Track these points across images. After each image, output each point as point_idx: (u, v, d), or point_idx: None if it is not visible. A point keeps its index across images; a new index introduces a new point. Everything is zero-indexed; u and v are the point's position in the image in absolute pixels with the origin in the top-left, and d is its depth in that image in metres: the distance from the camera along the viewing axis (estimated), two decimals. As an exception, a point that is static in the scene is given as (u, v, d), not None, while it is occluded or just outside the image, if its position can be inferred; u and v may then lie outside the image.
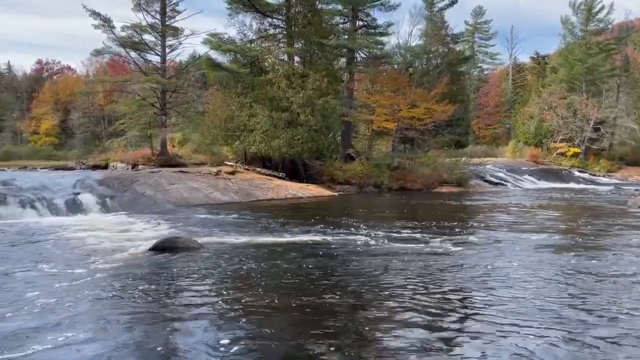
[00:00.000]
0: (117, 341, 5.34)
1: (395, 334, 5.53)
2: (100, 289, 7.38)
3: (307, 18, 29.43)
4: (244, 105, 28.63)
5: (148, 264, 9.13)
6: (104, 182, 20.84)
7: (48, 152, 54.56)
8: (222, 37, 30.55)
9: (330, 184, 27.84)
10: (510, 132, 59.91)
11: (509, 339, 5.35)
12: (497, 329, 5.65)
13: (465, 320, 5.99)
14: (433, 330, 5.65)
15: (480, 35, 69.49)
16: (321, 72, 28.03)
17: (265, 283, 7.79)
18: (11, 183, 19.36)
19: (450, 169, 30.02)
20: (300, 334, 5.57)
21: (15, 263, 9.20)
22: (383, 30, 33.75)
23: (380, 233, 12.57)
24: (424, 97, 30.64)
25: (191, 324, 5.92)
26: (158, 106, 34.48)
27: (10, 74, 73.60)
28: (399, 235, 12.27)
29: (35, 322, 5.92)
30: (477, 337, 5.43)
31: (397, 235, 12.27)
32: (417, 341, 5.33)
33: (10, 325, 5.79)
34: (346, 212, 18.24)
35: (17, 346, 5.18)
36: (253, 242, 11.48)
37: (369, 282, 7.80)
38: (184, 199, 20.72)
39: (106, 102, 51.99)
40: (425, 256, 9.71)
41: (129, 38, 33.83)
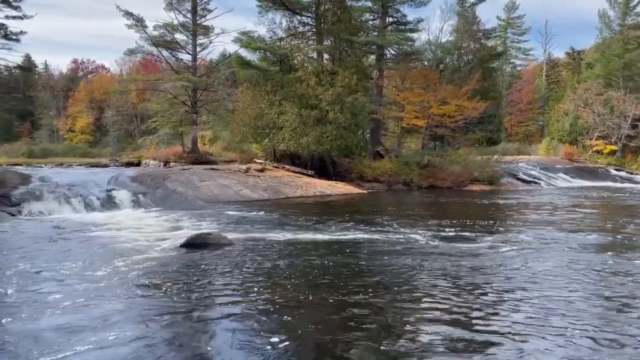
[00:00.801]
0: (151, 338, 5.42)
1: (427, 333, 5.46)
2: (133, 284, 7.52)
3: (336, 15, 29.37)
4: (273, 103, 28.77)
5: (180, 259, 9.25)
6: (137, 179, 21.25)
7: (83, 150, 55.94)
8: (252, 35, 30.76)
9: (359, 182, 27.75)
10: (543, 129, 58.58)
11: (543, 341, 5.22)
12: (531, 330, 5.52)
13: (499, 321, 5.87)
14: (466, 329, 5.56)
15: (513, 31, 68.05)
16: (350, 69, 27.95)
17: (296, 280, 7.80)
18: (48, 179, 19.95)
19: (481, 166, 29.54)
20: (330, 331, 5.55)
21: (51, 258, 9.46)
22: (413, 27, 33.38)
23: (410, 231, 12.45)
24: (455, 93, 30.20)
25: (223, 320, 5.98)
26: (189, 104, 34.95)
27: (47, 74, 75.69)
28: (429, 233, 12.13)
29: (71, 318, 6.06)
30: (511, 338, 5.31)
31: (427, 233, 12.12)
32: (450, 340, 5.25)
33: (47, 322, 5.95)
34: (375, 210, 18.14)
35: (57, 343, 5.32)
36: (282, 239, 11.52)
37: (400, 280, 7.73)
38: (215, 195, 20.95)
39: (139, 100, 53.01)
40: (457, 255, 9.56)
41: (160, 37, 34.36)
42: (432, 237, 11.64)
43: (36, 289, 7.19)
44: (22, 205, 16.48)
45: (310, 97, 27.31)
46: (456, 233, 12.17)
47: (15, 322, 5.84)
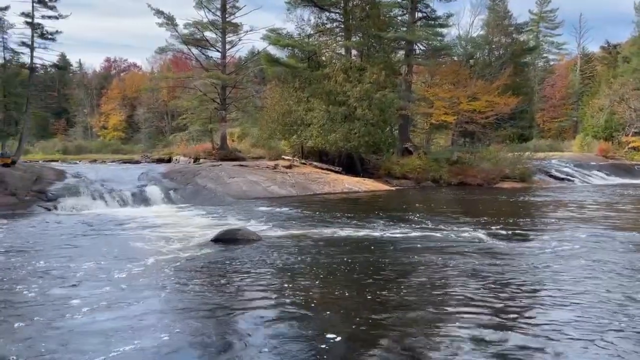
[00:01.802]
0: (183, 334, 5.49)
1: (456, 332, 5.39)
2: (164, 277, 7.65)
3: (365, 11, 29.24)
4: (301, 100, 28.84)
5: (210, 254, 9.37)
6: (168, 175, 21.63)
7: (116, 146, 57.16)
8: (281, 32, 30.90)
9: (387, 179, 27.58)
10: (577, 125, 57.06)
11: (576, 343, 5.10)
12: (565, 333, 5.39)
13: (532, 322, 5.74)
14: (501, 330, 5.46)
15: (546, 25, 66.43)
16: (379, 65, 27.79)
17: (323, 276, 7.81)
18: (82, 176, 20.48)
19: (512, 163, 28.98)
20: (356, 326, 5.54)
21: (86, 252, 9.71)
22: (443, 22, 32.96)
23: (439, 229, 12.31)
24: (486, 89, 29.71)
25: (251, 315, 6.02)
26: (218, 101, 35.36)
27: (82, 72, 77.56)
28: (459, 231, 11.97)
29: (104, 315, 6.19)
30: (543, 340, 5.20)
31: (457, 231, 11.97)
32: (485, 341, 5.18)
33: (81, 319, 6.11)
34: (404, 207, 18.01)
35: (89, 341, 5.46)
36: (310, 235, 11.55)
37: (429, 278, 7.65)
38: (243, 192, 21.15)
39: (169, 97, 53.82)
40: (488, 254, 9.41)
41: (191, 35, 34.85)
42: (463, 235, 11.49)
43: (71, 284, 7.38)
44: (58, 201, 16.97)
45: (338, 93, 27.27)
46: (487, 231, 11.98)
47: (49, 318, 6.00)
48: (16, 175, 18.49)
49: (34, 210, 16.06)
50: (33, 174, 19.08)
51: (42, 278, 7.64)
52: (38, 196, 17.35)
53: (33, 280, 7.49)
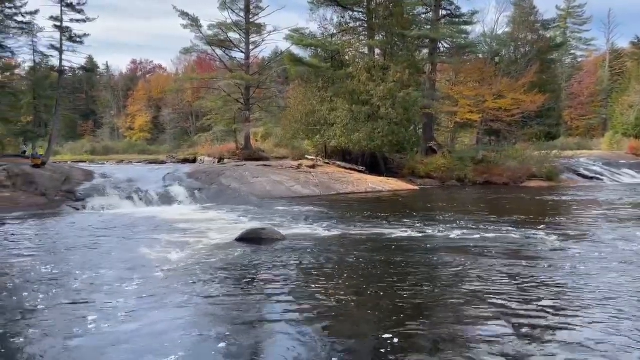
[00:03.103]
0: (207, 334, 5.54)
1: (481, 334, 5.31)
2: (191, 277, 7.72)
3: (388, 9, 29.09)
4: (324, 100, 28.84)
5: (235, 253, 9.43)
6: (193, 175, 21.87)
7: (142, 147, 58.06)
8: (304, 32, 30.97)
9: (411, 178, 27.39)
10: (606, 123, 55.71)
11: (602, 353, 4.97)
12: (592, 343, 5.26)
13: (557, 328, 5.61)
14: (523, 338, 5.36)
15: (574, 21, 65.05)
16: (402, 64, 27.61)
17: (348, 275, 7.78)
18: (110, 176, 20.86)
19: (539, 162, 28.46)
20: (381, 327, 5.49)
21: (113, 251, 9.88)
22: (467, 19, 32.56)
23: (464, 229, 12.16)
24: (511, 87, 29.24)
25: (275, 314, 6.04)
26: (242, 102, 35.61)
27: (109, 74, 79.02)
28: (485, 231, 11.80)
29: (130, 312, 6.29)
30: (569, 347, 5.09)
31: (483, 231, 11.80)
32: (504, 343, 5.09)
33: (108, 317, 6.22)
34: (428, 207, 17.85)
35: (116, 337, 5.55)
36: (334, 234, 11.53)
37: (457, 279, 7.55)
38: (267, 191, 21.25)
39: (194, 98, 54.43)
40: (516, 256, 9.25)
41: (215, 36, 35.17)
42: (487, 235, 11.32)
43: (100, 283, 7.51)
44: (86, 201, 17.32)
45: (361, 92, 27.19)
46: (514, 231, 11.78)
47: (78, 315, 6.12)
48: (46, 176, 18.93)
49: (63, 210, 16.41)
50: (62, 175, 19.51)
51: (69, 278, 7.79)
52: (67, 196, 17.74)
53: (60, 281, 7.64)
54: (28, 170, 19.07)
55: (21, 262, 8.82)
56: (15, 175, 18.47)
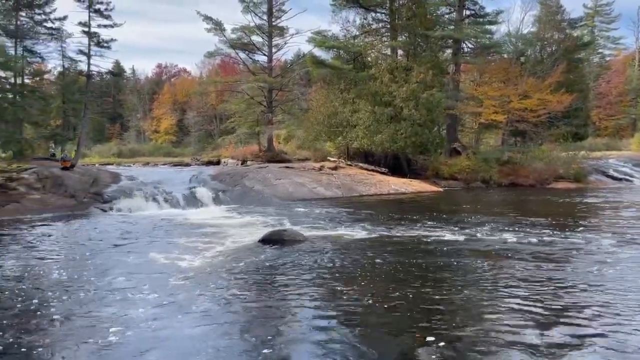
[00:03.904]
0: (230, 334, 5.60)
1: (502, 338, 5.23)
2: (213, 276, 7.81)
3: (411, 10, 28.94)
4: (346, 101, 28.83)
5: (258, 254, 9.49)
6: (217, 177, 22.09)
7: (167, 149, 58.85)
8: (326, 35, 31.01)
9: (435, 180, 27.16)
10: (636, 122, 54.35)
11: None
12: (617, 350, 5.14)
13: (581, 334, 5.50)
14: (545, 344, 5.27)
15: (601, 19, 63.62)
16: (426, 65, 27.43)
17: (371, 277, 7.76)
18: (136, 178, 21.22)
19: (566, 163, 27.93)
20: (402, 330, 5.46)
21: (139, 251, 10.04)
22: (492, 19, 32.18)
23: (490, 231, 12.01)
24: (537, 87, 28.78)
25: (297, 315, 6.06)
26: (265, 104, 35.79)
27: (135, 78, 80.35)
28: (511, 233, 11.62)
29: (155, 311, 6.38)
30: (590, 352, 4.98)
31: (509, 233, 11.63)
32: (526, 347, 5.00)
33: (135, 315, 6.32)
34: (452, 209, 17.67)
35: (141, 335, 5.64)
36: (356, 236, 11.51)
37: (478, 282, 7.46)
38: (290, 193, 21.33)
39: (218, 101, 54.96)
40: (545, 259, 9.09)
41: (238, 40, 35.45)
42: (513, 238, 11.15)
43: (124, 287, 7.64)
44: (113, 202, 17.65)
45: (384, 94, 27.10)
46: (540, 234, 11.58)
47: (104, 314, 6.25)
48: (75, 178, 19.35)
49: (91, 211, 16.75)
50: (90, 177, 19.91)
51: (94, 281, 7.95)
52: (95, 198, 18.10)
53: (84, 284, 7.79)
54: (57, 173, 19.52)
55: (47, 264, 9.03)
56: (45, 177, 18.92)
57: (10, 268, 8.54)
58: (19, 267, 8.57)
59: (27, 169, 19.63)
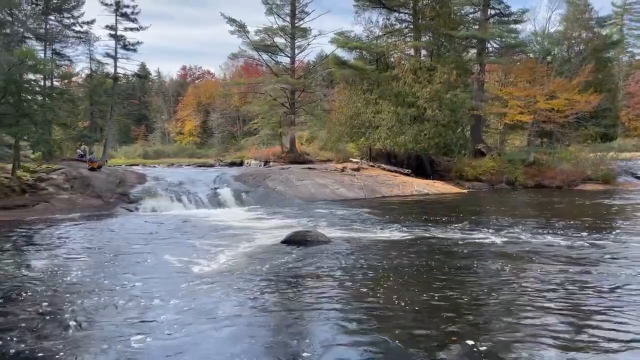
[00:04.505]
0: (253, 334, 5.62)
1: (530, 342, 5.13)
2: (237, 278, 7.85)
3: (435, 10, 28.70)
4: (369, 102, 28.73)
5: (281, 255, 9.50)
6: (240, 178, 22.24)
7: (191, 150, 59.52)
8: (349, 35, 30.97)
9: (459, 181, 26.88)
10: (668, 123, 52.86)
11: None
12: None
13: (611, 338, 5.36)
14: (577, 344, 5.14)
15: (631, 17, 62.02)
16: (449, 65, 27.17)
17: (394, 279, 7.70)
18: (161, 179, 21.50)
19: (594, 164, 27.33)
20: (425, 333, 5.40)
21: (164, 251, 10.15)
22: (517, 18, 31.71)
23: (516, 233, 11.81)
24: (565, 87, 28.25)
25: (319, 316, 6.05)
26: (287, 105, 35.94)
27: (160, 80, 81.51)
28: (538, 236, 11.41)
29: (179, 310, 6.44)
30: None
31: (536, 236, 11.42)
32: (554, 351, 4.90)
33: (156, 313, 6.39)
34: (477, 210, 17.45)
35: (163, 333, 5.70)
36: (379, 238, 11.44)
37: (504, 284, 7.33)
38: (312, 194, 21.35)
39: (241, 103, 55.38)
40: (571, 262, 8.90)
41: (261, 41, 35.69)
42: (539, 240, 10.95)
43: (149, 284, 7.74)
44: (139, 202, 17.93)
45: (407, 94, 26.93)
46: (566, 237, 11.34)
47: (126, 320, 6.33)
48: (102, 179, 19.72)
49: (117, 211, 17.04)
50: (117, 178, 20.26)
51: (119, 281, 8.07)
52: (121, 198, 18.41)
53: (110, 284, 7.92)
54: (85, 173, 19.93)
55: (71, 265, 9.20)
56: (73, 178, 19.33)
57: (37, 267, 8.74)
58: (45, 267, 8.76)
59: (56, 170, 20.09)
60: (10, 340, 5.27)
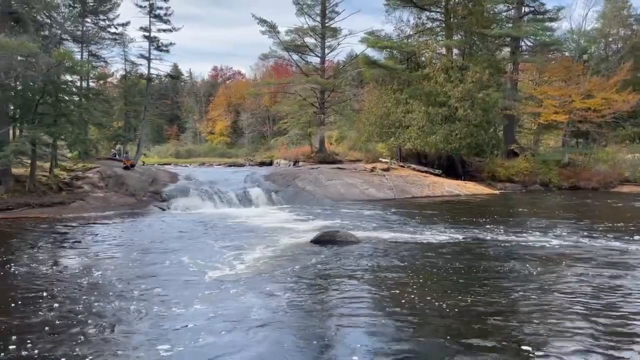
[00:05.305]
0: (282, 333, 5.65)
1: (563, 346, 4.98)
2: (266, 277, 7.89)
3: (467, 8, 28.29)
4: (399, 102, 28.51)
5: (311, 255, 9.51)
6: (270, 177, 22.37)
7: (222, 150, 60.16)
8: (379, 35, 30.81)
9: (491, 182, 26.43)
10: None
11: None
12: None
13: None
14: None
15: (673, 12, 59.94)
16: (482, 64, 26.74)
17: (423, 279, 7.61)
18: (193, 178, 21.81)
19: (633, 165, 26.48)
20: (453, 335, 5.31)
21: (196, 249, 10.31)
22: (552, 16, 30.99)
23: (551, 236, 11.53)
24: (601, 85, 27.47)
25: (347, 316, 6.02)
26: (317, 105, 35.94)
27: (192, 81, 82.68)
28: (574, 238, 11.12)
29: (210, 309, 6.51)
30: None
31: (571, 238, 11.13)
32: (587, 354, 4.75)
33: (187, 312, 6.46)
34: (510, 212, 17.11)
35: (189, 332, 5.75)
36: (409, 239, 11.33)
37: (537, 287, 7.17)
38: (341, 194, 21.31)
39: (271, 103, 55.70)
40: (608, 266, 8.64)
41: (292, 42, 35.79)
42: (575, 243, 10.66)
43: (180, 281, 7.86)
44: (171, 201, 18.23)
45: (438, 94, 26.63)
46: (603, 240, 11.00)
47: (158, 325, 6.41)
48: (135, 178, 20.12)
49: (150, 209, 17.36)
50: (149, 177, 20.64)
51: (151, 280, 8.21)
52: (154, 197, 18.75)
53: (142, 284, 8.04)
54: (119, 172, 20.37)
55: (102, 265, 9.40)
56: (107, 176, 19.79)
57: (67, 267, 8.98)
58: (75, 267, 8.99)
59: (91, 169, 20.60)
60: (29, 344, 5.11)
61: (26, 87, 18.56)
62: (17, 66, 16.13)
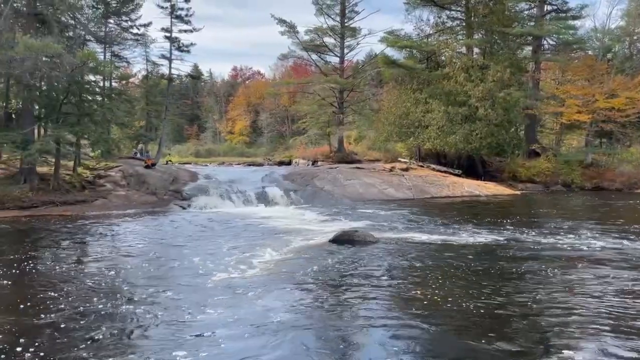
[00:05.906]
0: (300, 332, 5.68)
1: (585, 348, 4.92)
2: (285, 278, 7.93)
3: (488, 7, 28.01)
4: (419, 101, 28.36)
5: (329, 255, 9.52)
6: (288, 177, 22.47)
7: (241, 150, 60.55)
8: (398, 34, 30.69)
9: (511, 182, 26.13)
10: None
11: None
12: None
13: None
14: None
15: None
16: (503, 63, 26.44)
17: (442, 281, 7.56)
18: (212, 177, 22.02)
19: (658, 166, 25.97)
20: (471, 336, 5.27)
21: (215, 247, 10.41)
22: (576, 14, 30.46)
23: (573, 237, 11.35)
24: (626, 85, 26.98)
25: (369, 317, 6.02)
26: (336, 105, 35.93)
27: (212, 81, 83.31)
28: (597, 240, 10.93)
29: (229, 308, 6.57)
30: None
31: (594, 240, 10.94)
32: None
33: (206, 311, 6.52)
34: (531, 212, 16.90)
35: (208, 331, 5.81)
36: (428, 239, 11.27)
37: (560, 290, 7.07)
38: (359, 194, 21.29)
39: (290, 103, 55.87)
40: (629, 268, 8.48)
41: (311, 41, 35.84)
42: (605, 244, 10.47)
43: (198, 279, 7.94)
44: (191, 200, 18.43)
45: (458, 93, 26.41)
46: (629, 243, 10.80)
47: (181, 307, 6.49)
48: (156, 176, 20.39)
49: (170, 208, 17.57)
50: (170, 175, 20.90)
51: (174, 275, 8.31)
52: (174, 195, 18.98)
53: (160, 286, 8.11)
54: (141, 171, 20.67)
55: (123, 263, 9.54)
56: (129, 175, 20.09)
57: (87, 266, 9.15)
58: (95, 266, 9.15)
59: (113, 167, 20.94)
60: (41, 345, 5.04)
61: (51, 87, 18.94)
62: (42, 67, 16.45)
